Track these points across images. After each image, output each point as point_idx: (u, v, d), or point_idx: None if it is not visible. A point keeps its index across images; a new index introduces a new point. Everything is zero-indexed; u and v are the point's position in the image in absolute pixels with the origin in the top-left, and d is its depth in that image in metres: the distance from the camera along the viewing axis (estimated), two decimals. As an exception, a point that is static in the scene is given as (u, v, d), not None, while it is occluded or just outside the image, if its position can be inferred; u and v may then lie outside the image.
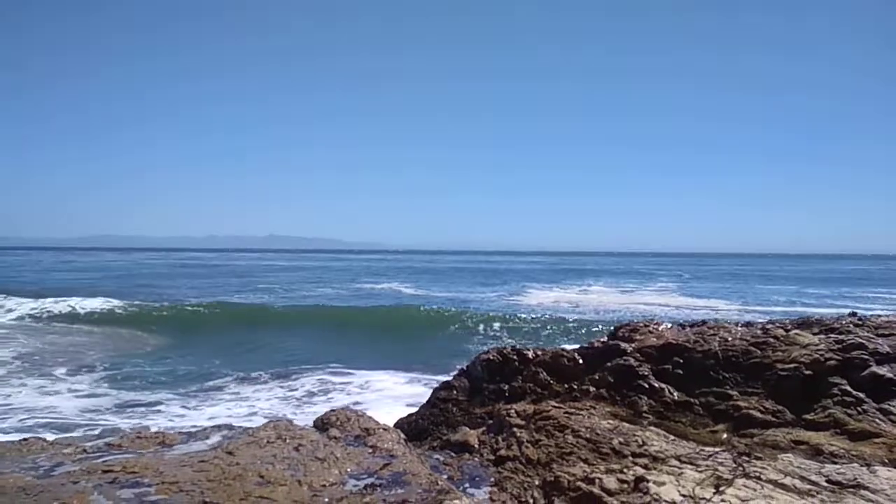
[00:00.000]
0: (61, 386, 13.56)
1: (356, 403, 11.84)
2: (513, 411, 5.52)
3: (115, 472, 3.80)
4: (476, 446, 5.34)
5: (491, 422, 5.75)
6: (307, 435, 4.81)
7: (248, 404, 12.26)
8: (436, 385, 7.36)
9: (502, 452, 4.91)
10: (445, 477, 4.53)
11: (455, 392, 6.80)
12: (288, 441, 4.57)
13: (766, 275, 65.23)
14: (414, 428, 6.74)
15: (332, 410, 5.76)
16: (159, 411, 11.73)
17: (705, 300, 33.87)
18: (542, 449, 4.69)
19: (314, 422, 5.63)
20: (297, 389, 13.59)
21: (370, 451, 4.71)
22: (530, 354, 6.54)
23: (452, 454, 5.37)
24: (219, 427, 5.34)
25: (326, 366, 15.85)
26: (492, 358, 6.73)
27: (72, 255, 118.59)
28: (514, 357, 6.56)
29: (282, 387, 13.78)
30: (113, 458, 4.21)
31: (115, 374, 15.04)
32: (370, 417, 5.68)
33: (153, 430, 5.56)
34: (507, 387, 6.32)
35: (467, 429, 5.85)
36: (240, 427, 5.40)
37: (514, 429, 5.16)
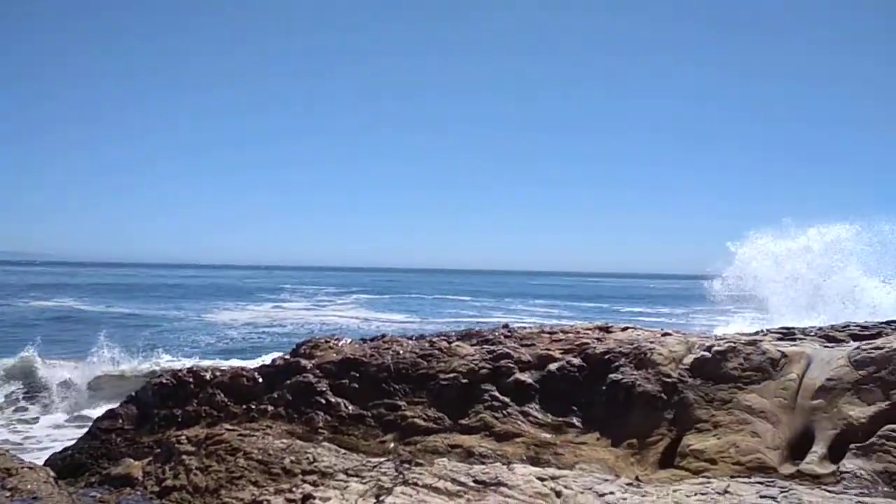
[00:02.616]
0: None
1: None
2: (183, 437, 5.21)
3: None
4: (140, 478, 4.93)
5: (159, 451, 5.35)
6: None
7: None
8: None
9: (168, 483, 4.61)
10: (99, 516, 4.09)
11: (121, 421, 6.22)
12: None
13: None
14: (69, 464, 6.01)
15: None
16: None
17: (389, 314, 35.68)
18: (212, 475, 4.50)
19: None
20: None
21: (8, 494, 4.10)
22: (208, 376, 6.27)
23: (112, 489, 4.89)
24: None
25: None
26: (165, 381, 6.32)
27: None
28: (190, 379, 6.23)
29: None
30: None
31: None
32: (13, 456, 4.91)
33: None
34: (180, 412, 5.95)
35: (131, 460, 5.37)
36: None
37: (184, 456, 4.87)
